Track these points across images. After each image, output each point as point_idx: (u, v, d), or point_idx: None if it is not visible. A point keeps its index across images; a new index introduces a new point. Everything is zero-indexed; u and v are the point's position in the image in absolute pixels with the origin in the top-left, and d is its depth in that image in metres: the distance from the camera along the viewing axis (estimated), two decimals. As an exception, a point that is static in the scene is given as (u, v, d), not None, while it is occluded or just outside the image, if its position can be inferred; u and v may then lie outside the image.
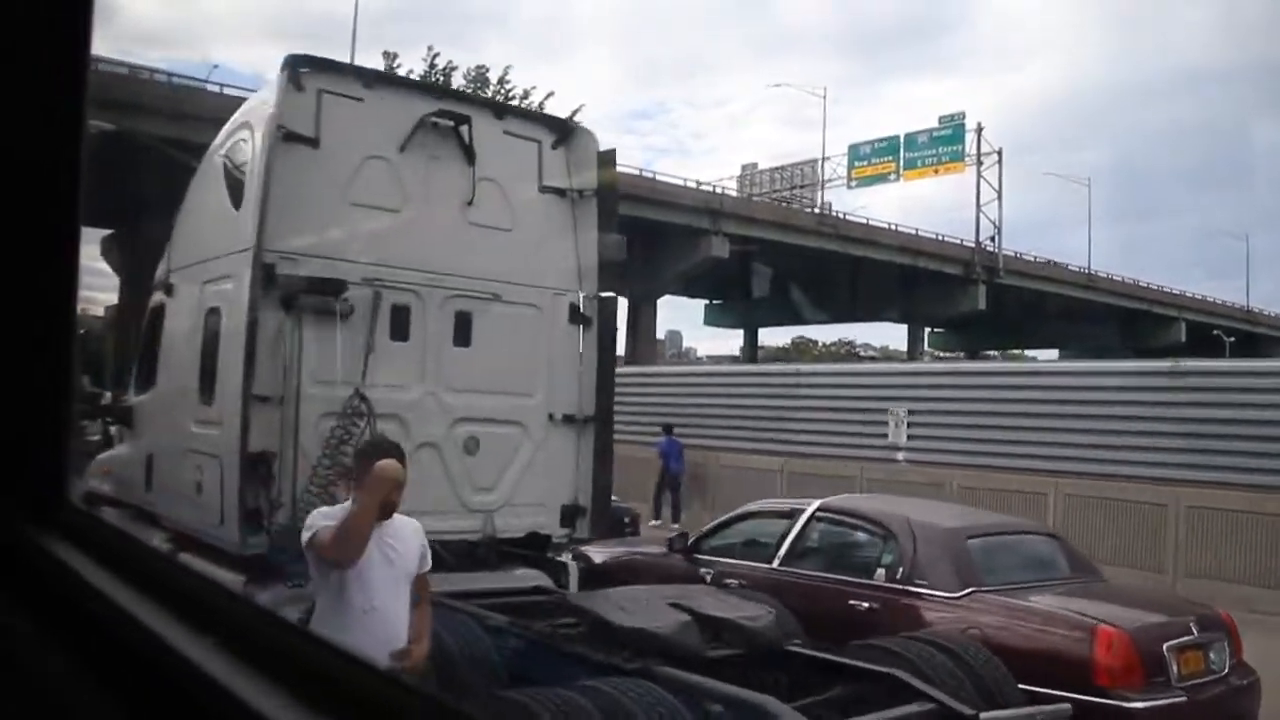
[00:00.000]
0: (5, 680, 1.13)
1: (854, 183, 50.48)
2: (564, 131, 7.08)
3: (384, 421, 5.99)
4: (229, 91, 29.34)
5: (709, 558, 7.89)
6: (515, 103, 29.12)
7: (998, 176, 49.73)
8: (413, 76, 27.58)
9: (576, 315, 7.05)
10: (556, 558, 6.88)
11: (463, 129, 6.46)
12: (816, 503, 7.73)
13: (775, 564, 7.45)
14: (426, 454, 6.22)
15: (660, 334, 53.49)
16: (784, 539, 7.51)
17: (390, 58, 31.24)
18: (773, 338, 68.84)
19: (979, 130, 49.05)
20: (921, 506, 8.01)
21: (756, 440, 18.50)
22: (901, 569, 6.67)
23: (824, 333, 78.78)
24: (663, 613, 5.23)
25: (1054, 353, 59.09)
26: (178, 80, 32.63)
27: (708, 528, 8.44)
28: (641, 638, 4.97)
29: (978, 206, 50.06)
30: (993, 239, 50.21)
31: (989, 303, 49.86)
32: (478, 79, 32.08)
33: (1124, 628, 5.84)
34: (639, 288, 38.95)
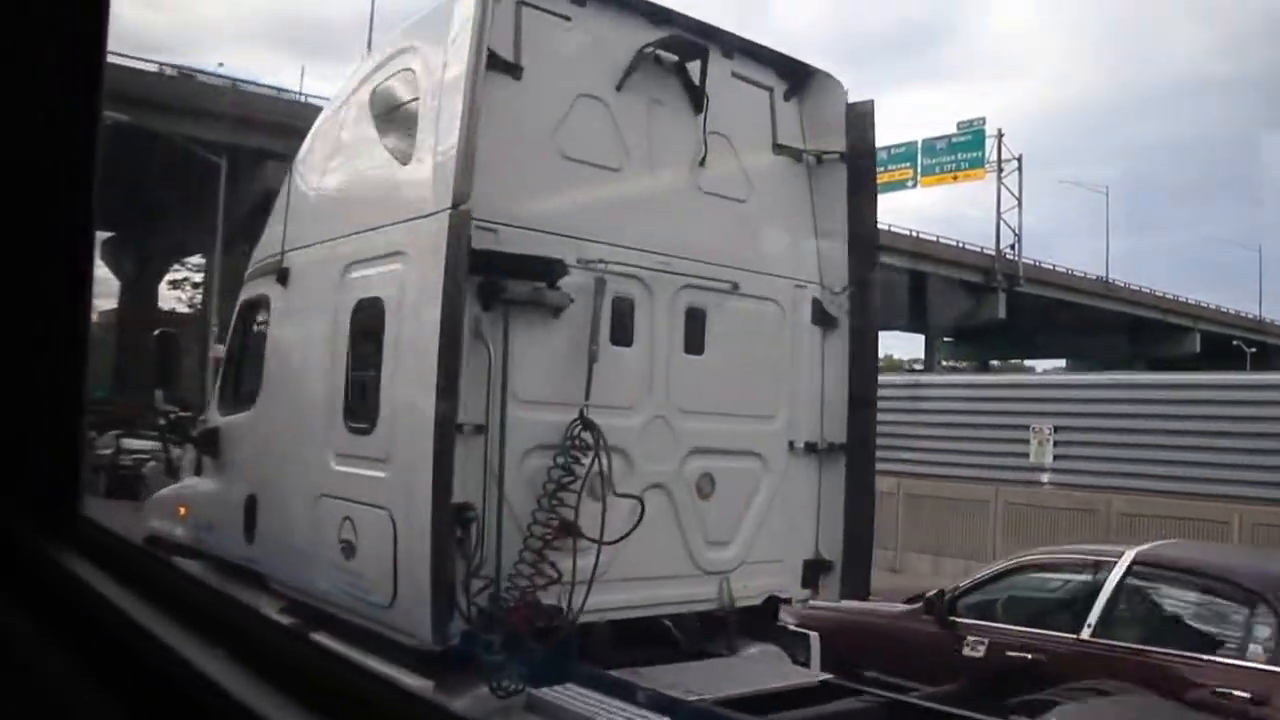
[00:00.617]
0: (18, 688, 1.14)
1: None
2: (801, 78, 5.63)
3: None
4: (243, 87, 29.32)
5: (973, 621, 6.42)
6: None
7: (1018, 183, 49.62)
8: None
9: (821, 314, 5.56)
10: (790, 626, 5.42)
11: (691, 66, 5.15)
12: (1132, 553, 6.25)
13: (1085, 634, 5.89)
14: (654, 498, 4.82)
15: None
16: (1093, 600, 6.00)
17: None
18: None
19: (999, 136, 48.93)
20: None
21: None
22: None
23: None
24: None
25: (1060, 363, 58.50)
26: (186, 72, 30.44)
27: (967, 583, 6.92)
28: None
29: (998, 214, 49.84)
30: (1012, 247, 50.03)
31: (1007, 311, 49.62)
32: None
33: None
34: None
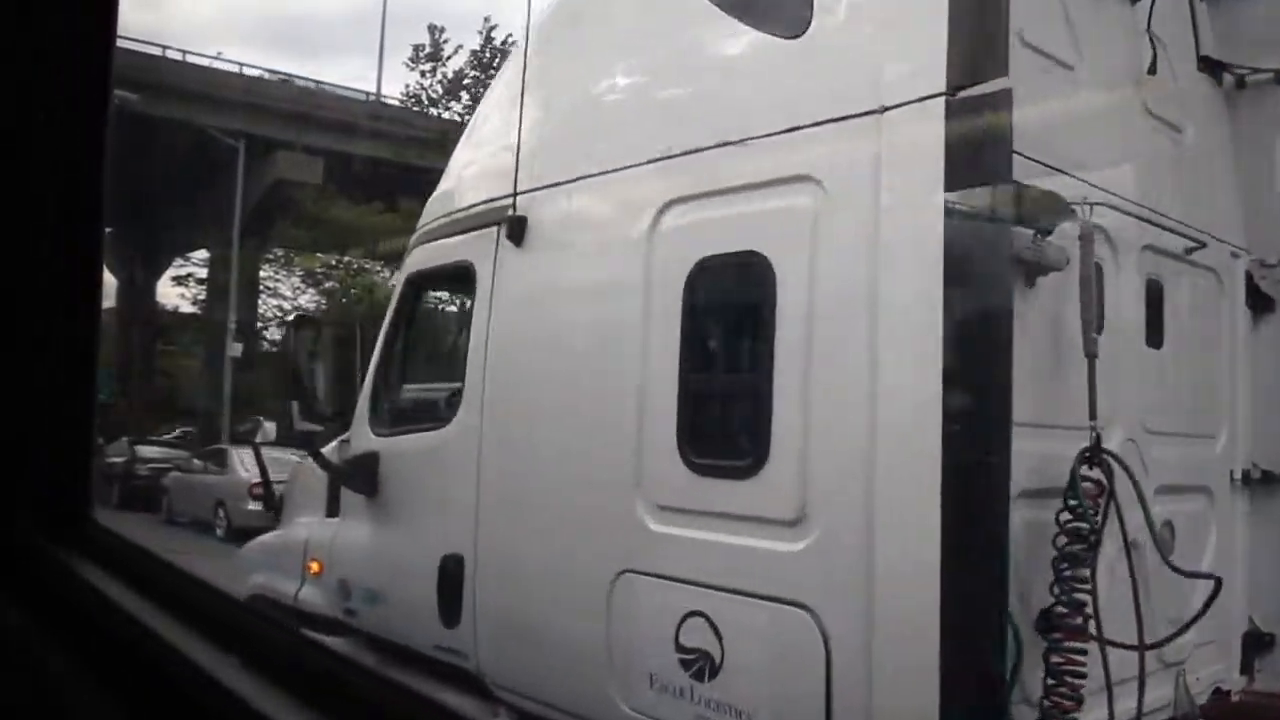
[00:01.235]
0: (29, 691, 1.14)
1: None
2: None
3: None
4: (249, 72, 27.65)
5: None
6: None
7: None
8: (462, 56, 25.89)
9: (1254, 293, 4.16)
10: None
11: None
12: None
13: None
14: (1122, 562, 3.10)
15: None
16: None
17: (437, 32, 28.07)
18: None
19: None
20: None
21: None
22: None
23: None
24: None
25: None
26: (191, 57, 28.24)
27: None
28: None
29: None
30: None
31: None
32: None
33: None
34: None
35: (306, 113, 26.41)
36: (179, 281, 30.20)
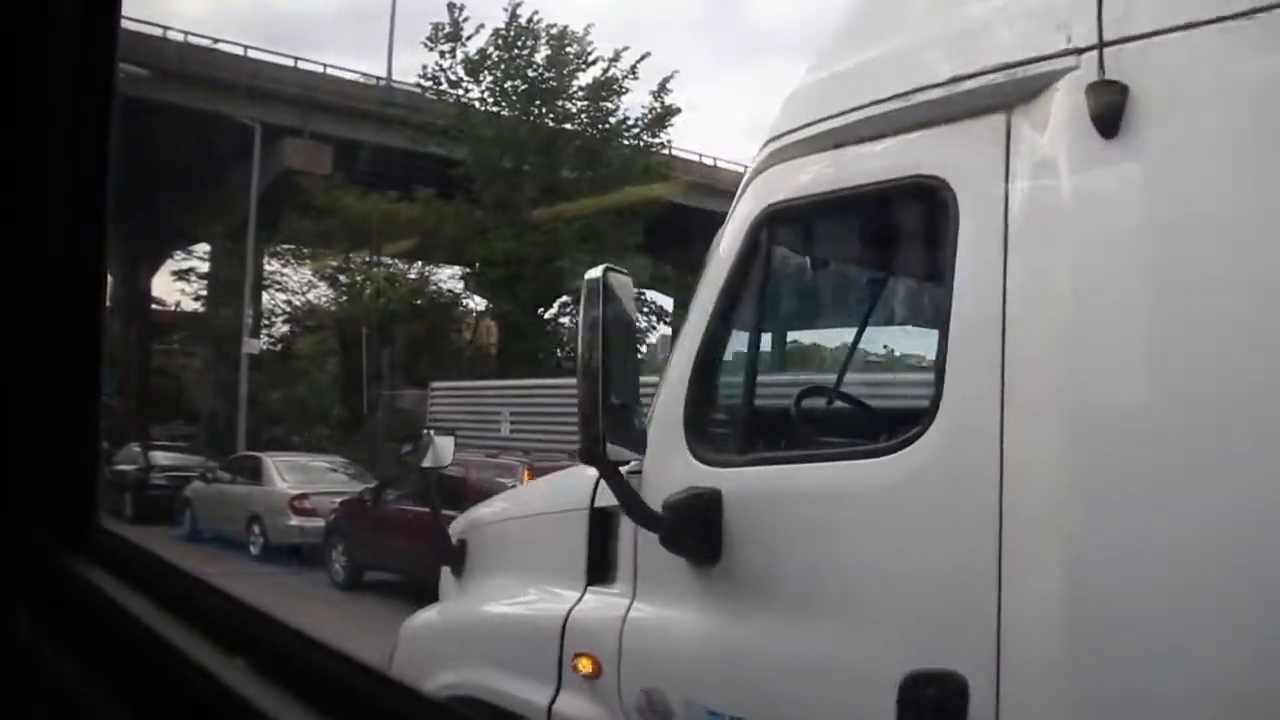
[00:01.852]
0: (38, 698, 1.15)
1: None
2: None
3: None
4: (254, 54, 26.12)
5: None
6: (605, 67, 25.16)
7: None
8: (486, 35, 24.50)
9: None
10: None
11: None
12: None
13: None
14: None
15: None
16: None
17: (456, 10, 26.10)
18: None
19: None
20: None
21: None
22: None
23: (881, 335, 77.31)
24: None
25: None
26: (194, 39, 26.59)
27: None
28: None
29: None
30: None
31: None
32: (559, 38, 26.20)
33: None
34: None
35: (314, 98, 25.92)
36: (180, 276, 28.59)
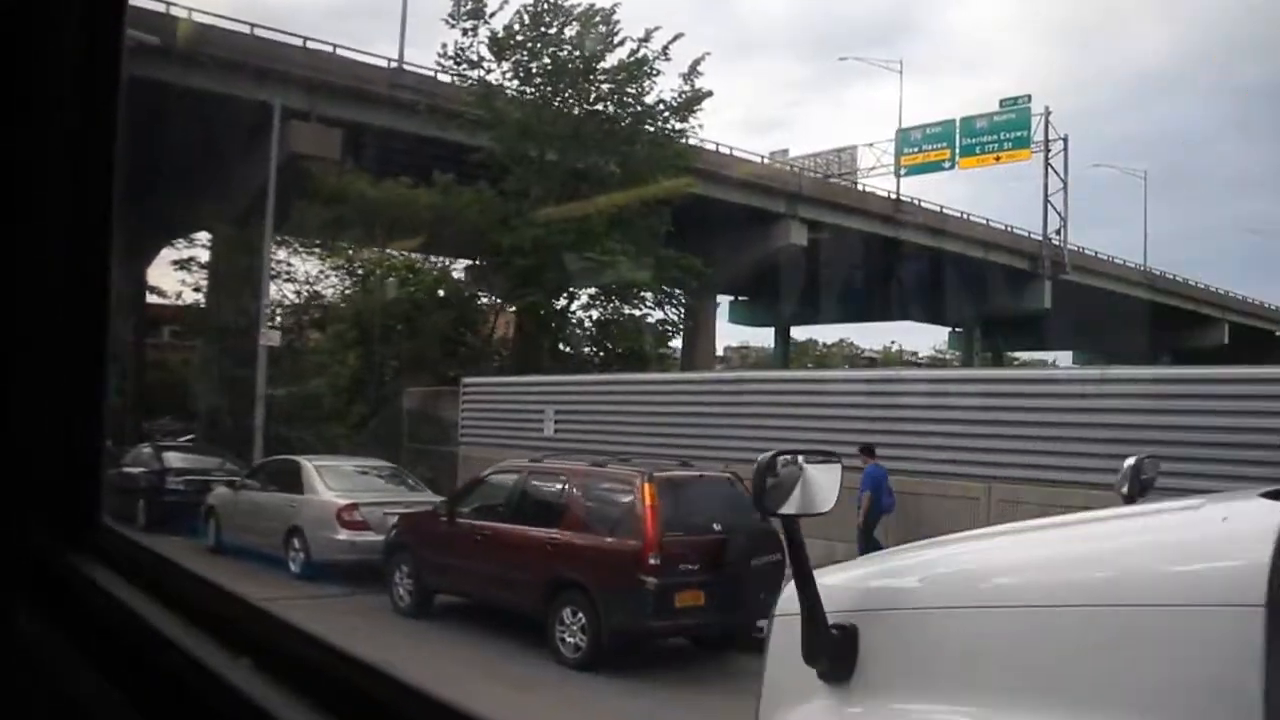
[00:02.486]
0: (39, 697, 1.17)
1: (903, 170, 49.73)
2: None
3: None
4: (260, 33, 25.03)
5: None
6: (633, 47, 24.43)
7: (1064, 164, 48.93)
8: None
9: None
10: None
11: None
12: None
13: None
14: None
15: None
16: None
17: None
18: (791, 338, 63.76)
19: (1046, 114, 48.21)
20: None
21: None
22: None
23: (869, 332, 77.10)
24: None
25: (1063, 356, 57.36)
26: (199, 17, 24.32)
27: None
28: None
29: (1045, 197, 49.24)
30: (1058, 232, 49.45)
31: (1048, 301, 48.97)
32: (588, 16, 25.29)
33: None
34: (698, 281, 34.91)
35: (323, 80, 25.51)
36: (181, 266, 27.11)
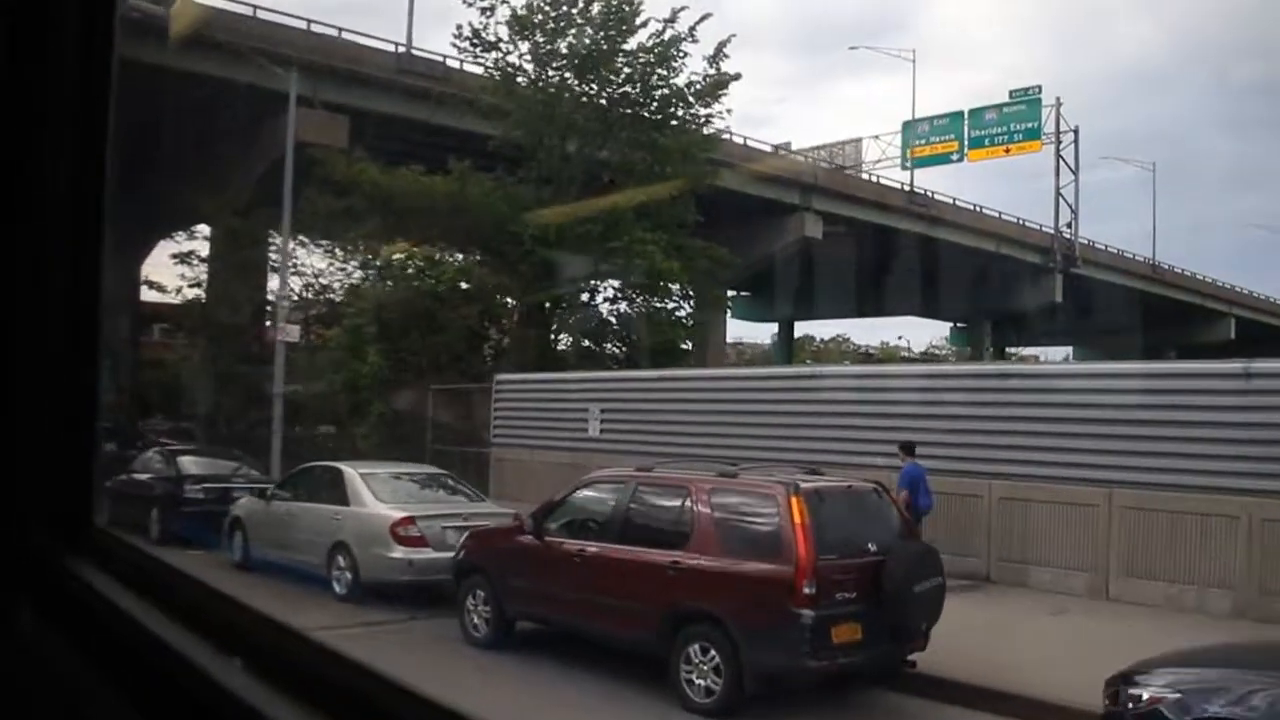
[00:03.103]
0: (34, 698, 1.18)
1: (909, 162, 49.57)
2: None
3: None
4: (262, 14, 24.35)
5: None
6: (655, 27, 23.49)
7: (1074, 157, 48.79)
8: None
9: None
10: None
11: None
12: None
13: None
14: None
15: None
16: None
17: None
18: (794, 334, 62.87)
19: (1058, 105, 48.01)
20: None
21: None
22: None
23: (867, 328, 76.95)
24: None
25: (1064, 351, 57.39)
26: None
27: None
28: None
29: (1056, 190, 49.12)
30: (1069, 225, 49.35)
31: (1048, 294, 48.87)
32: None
33: None
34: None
35: (329, 65, 25.22)
36: (181, 259, 26.23)
